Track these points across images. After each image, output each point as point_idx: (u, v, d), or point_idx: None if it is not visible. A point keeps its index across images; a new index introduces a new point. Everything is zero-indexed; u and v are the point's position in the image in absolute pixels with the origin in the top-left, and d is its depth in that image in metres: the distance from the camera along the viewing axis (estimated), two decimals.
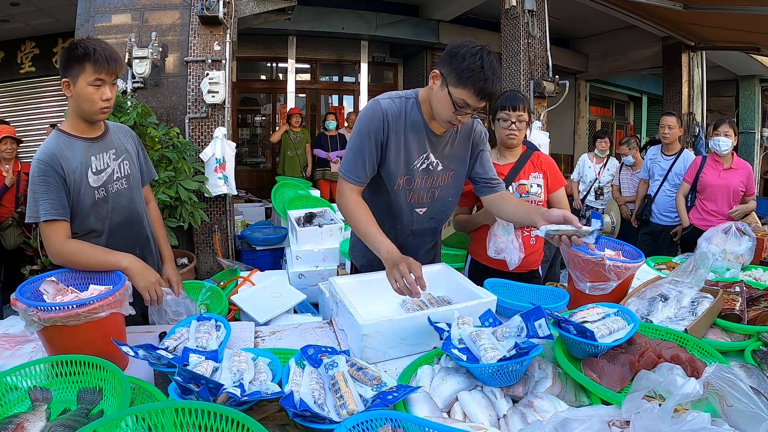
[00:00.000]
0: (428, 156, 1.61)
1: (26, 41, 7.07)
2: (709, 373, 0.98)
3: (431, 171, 1.64)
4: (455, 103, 1.42)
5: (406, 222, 1.70)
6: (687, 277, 1.62)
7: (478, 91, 1.38)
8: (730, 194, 3.38)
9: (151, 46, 3.89)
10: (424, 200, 1.68)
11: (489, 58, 1.39)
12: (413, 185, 1.63)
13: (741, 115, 9.37)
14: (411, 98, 1.59)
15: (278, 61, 8.17)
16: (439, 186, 1.68)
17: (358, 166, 1.55)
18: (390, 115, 1.54)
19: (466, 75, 1.37)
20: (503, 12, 5.32)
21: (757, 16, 5.26)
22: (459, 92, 1.40)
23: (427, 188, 1.66)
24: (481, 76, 1.37)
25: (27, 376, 1.05)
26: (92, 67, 1.40)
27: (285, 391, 1.00)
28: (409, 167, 1.60)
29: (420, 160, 1.61)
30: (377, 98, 1.57)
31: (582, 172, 5.19)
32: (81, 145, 1.49)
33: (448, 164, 1.66)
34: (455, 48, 1.42)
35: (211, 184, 3.93)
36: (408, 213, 1.67)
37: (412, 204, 1.66)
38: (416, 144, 1.58)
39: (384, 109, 1.53)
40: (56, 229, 1.40)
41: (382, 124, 1.53)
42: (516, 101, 2.04)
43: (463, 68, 1.38)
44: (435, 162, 1.63)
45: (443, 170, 1.65)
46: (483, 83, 1.37)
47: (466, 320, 1.26)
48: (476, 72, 1.36)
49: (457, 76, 1.39)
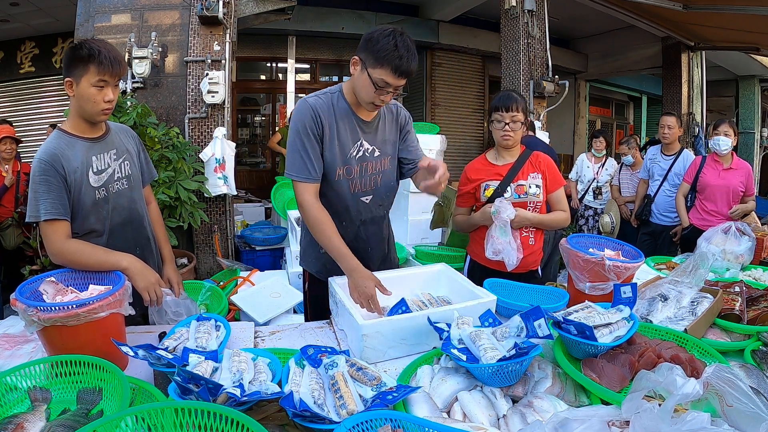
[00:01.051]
0: (362, 143, 1.66)
1: (26, 41, 7.07)
2: (708, 373, 0.98)
3: (368, 158, 1.67)
4: (376, 84, 1.48)
5: (354, 213, 1.71)
6: (687, 277, 1.62)
7: (394, 68, 1.44)
8: (729, 194, 3.38)
9: (150, 46, 3.89)
10: (368, 188, 1.71)
11: (402, 38, 1.45)
12: (353, 174, 1.66)
13: (741, 115, 9.37)
14: (336, 92, 1.65)
15: (278, 61, 8.16)
16: (379, 172, 1.71)
17: (306, 164, 1.58)
18: (319, 109, 1.59)
19: (381, 55, 1.44)
20: (503, 12, 5.32)
21: (757, 16, 5.26)
22: (378, 72, 1.46)
23: (368, 175, 1.69)
24: (396, 54, 1.43)
25: (27, 376, 1.05)
26: (96, 69, 1.40)
27: (285, 391, 1.00)
28: (346, 156, 1.64)
29: (355, 148, 1.65)
30: (304, 98, 1.64)
31: (580, 172, 5.19)
32: (82, 145, 1.49)
33: (383, 149, 1.70)
34: (370, 33, 1.49)
35: (211, 184, 3.93)
36: (354, 203, 1.69)
37: (357, 193, 1.69)
38: (348, 132, 1.63)
39: (312, 105, 1.59)
40: (56, 228, 1.40)
41: (314, 119, 1.58)
42: (509, 102, 2.03)
43: (378, 49, 1.44)
44: (370, 148, 1.67)
45: (380, 156, 1.70)
46: (398, 60, 1.43)
47: (465, 320, 1.26)
48: (390, 51, 1.43)
49: (374, 58, 1.46)
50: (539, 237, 2.12)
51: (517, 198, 2.04)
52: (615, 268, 1.57)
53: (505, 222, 1.93)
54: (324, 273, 1.73)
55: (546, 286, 1.98)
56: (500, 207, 1.93)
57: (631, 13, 6.66)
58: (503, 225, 1.94)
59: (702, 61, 7.79)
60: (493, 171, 2.11)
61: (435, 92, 8.23)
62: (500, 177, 2.08)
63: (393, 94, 1.54)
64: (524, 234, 2.06)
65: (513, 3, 5.02)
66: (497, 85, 6.39)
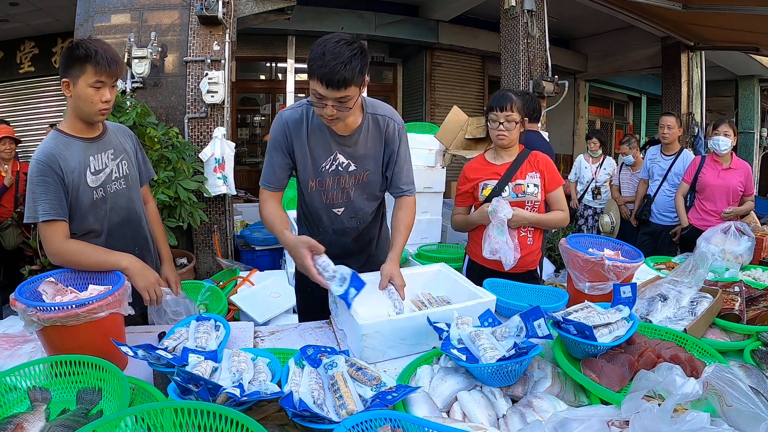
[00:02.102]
0: (336, 157, 1.63)
1: (26, 41, 7.06)
2: (708, 372, 0.98)
3: (341, 172, 1.65)
4: (312, 95, 1.42)
5: (327, 222, 1.73)
6: (686, 277, 1.62)
7: (320, 78, 1.35)
8: (729, 194, 3.38)
9: (150, 46, 3.89)
10: (339, 200, 1.70)
11: (335, 45, 1.35)
12: (325, 186, 1.66)
13: (740, 115, 9.38)
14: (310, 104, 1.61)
15: (277, 61, 8.16)
16: (352, 186, 1.69)
17: (269, 173, 1.65)
18: (290, 123, 1.60)
19: (310, 65, 1.38)
20: (503, 12, 5.32)
21: (756, 16, 5.26)
22: (311, 83, 1.40)
23: (340, 189, 1.68)
24: (321, 63, 1.34)
25: (26, 376, 1.05)
26: (93, 69, 1.40)
27: (284, 391, 1.00)
28: (318, 170, 1.63)
29: (328, 161, 1.63)
30: (283, 110, 1.65)
31: (579, 173, 5.20)
32: (79, 145, 1.49)
33: (361, 164, 1.66)
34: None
35: (211, 184, 3.93)
36: (326, 213, 1.71)
37: (329, 204, 1.70)
38: (321, 146, 1.61)
39: (285, 120, 1.60)
40: (55, 229, 1.40)
41: (284, 133, 1.60)
42: (503, 101, 2.03)
43: (309, 59, 1.38)
44: (345, 162, 1.64)
45: (356, 170, 1.66)
46: (323, 69, 1.34)
47: (465, 320, 1.26)
48: (317, 60, 1.35)
49: (308, 69, 1.40)
50: (537, 237, 2.12)
51: (515, 197, 2.04)
52: (615, 268, 1.57)
53: (502, 221, 1.93)
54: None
55: (546, 286, 1.98)
56: (497, 206, 1.93)
57: (631, 13, 6.66)
58: (500, 224, 1.94)
59: (702, 61, 7.79)
60: (491, 170, 2.11)
61: (435, 92, 8.23)
62: (498, 176, 2.08)
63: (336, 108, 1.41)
64: (522, 233, 2.06)
65: (513, 3, 5.02)
66: (497, 85, 6.39)
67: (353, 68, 1.35)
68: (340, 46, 1.35)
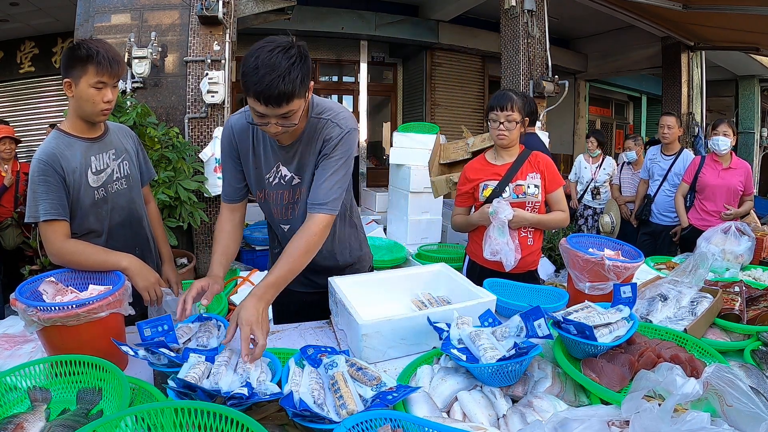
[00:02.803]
0: (278, 168, 1.47)
1: (26, 41, 7.07)
2: (708, 373, 0.98)
3: (284, 185, 1.49)
4: (252, 112, 1.25)
5: (281, 237, 1.61)
6: (686, 277, 1.62)
7: (255, 95, 1.17)
8: (729, 194, 3.39)
9: (150, 46, 3.89)
10: (286, 216, 1.55)
11: (269, 55, 1.16)
12: (270, 199, 1.53)
13: (740, 115, 9.38)
14: None
15: None
16: (297, 200, 1.51)
17: (224, 185, 1.57)
18: (236, 131, 1.47)
19: (243, 81, 1.18)
20: (503, 12, 5.32)
21: (757, 16, 5.27)
22: (249, 101, 1.22)
23: (284, 204, 1.53)
24: (255, 78, 1.15)
25: (26, 376, 1.05)
26: (95, 69, 1.40)
27: (284, 391, 1.00)
28: (261, 182, 1.51)
29: (271, 173, 1.49)
30: (231, 118, 1.50)
31: (578, 173, 5.20)
32: (81, 145, 1.49)
33: (303, 177, 1.47)
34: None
35: (211, 184, 3.93)
36: (277, 227, 1.60)
37: (277, 219, 1.57)
38: (264, 157, 1.47)
39: (231, 126, 1.48)
40: (56, 229, 1.40)
41: (230, 141, 1.49)
42: (503, 101, 2.03)
43: (243, 72, 1.18)
44: (288, 175, 1.47)
45: (300, 184, 1.48)
46: (257, 85, 1.16)
47: (465, 320, 1.26)
48: (250, 74, 1.16)
49: (243, 84, 1.20)
50: (538, 237, 2.12)
51: (515, 198, 2.04)
52: (615, 268, 1.57)
53: (502, 222, 1.93)
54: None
55: (546, 286, 1.98)
56: (498, 207, 1.93)
57: (631, 13, 6.67)
58: (501, 225, 1.94)
59: (702, 61, 7.80)
60: (492, 171, 2.11)
61: (435, 92, 8.23)
62: (499, 177, 2.08)
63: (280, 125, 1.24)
64: (523, 234, 2.06)
65: (513, 3, 5.02)
66: (497, 85, 6.39)
67: (293, 80, 1.17)
68: (275, 56, 1.16)
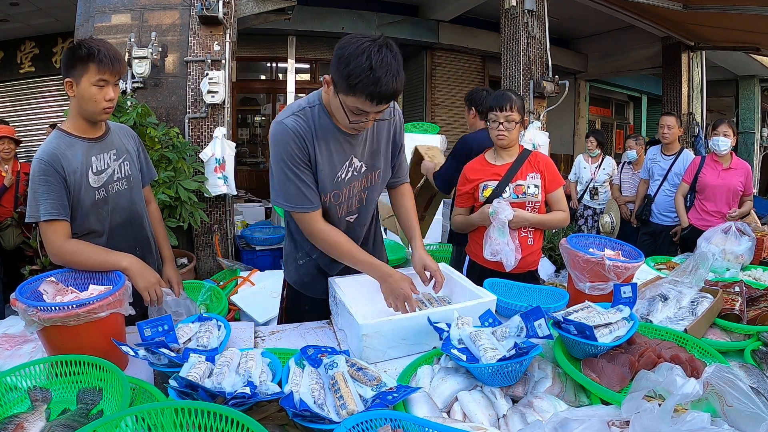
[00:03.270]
0: (351, 161, 1.48)
1: (26, 41, 7.07)
2: (708, 373, 0.98)
3: (356, 176, 1.51)
4: (351, 112, 1.27)
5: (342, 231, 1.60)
6: (687, 277, 1.62)
7: (369, 96, 1.20)
8: (729, 194, 3.39)
9: (150, 46, 3.89)
10: (354, 207, 1.57)
11: (380, 55, 1.18)
12: (341, 198, 1.51)
13: (741, 115, 9.38)
14: (315, 105, 1.43)
15: (278, 61, 8.16)
16: (365, 188, 1.56)
17: (304, 194, 1.43)
18: (302, 133, 1.39)
19: (353, 81, 1.19)
20: (503, 12, 5.32)
21: (757, 16, 5.26)
22: (351, 100, 1.23)
23: (354, 195, 1.54)
24: (371, 79, 1.17)
25: (27, 376, 1.05)
26: (96, 68, 1.40)
27: (285, 391, 1.00)
28: (334, 181, 1.47)
29: (343, 169, 1.48)
30: (280, 120, 1.41)
31: (578, 173, 5.20)
32: (82, 145, 1.49)
33: (372, 163, 1.53)
34: (341, 49, 1.22)
35: (211, 184, 3.93)
36: (338, 225, 1.57)
37: (343, 216, 1.56)
38: (335, 153, 1.45)
39: (293, 130, 1.39)
40: (56, 228, 1.40)
41: (301, 146, 1.40)
42: (503, 101, 2.02)
43: (349, 73, 1.19)
44: (359, 165, 1.50)
45: (368, 170, 1.53)
46: (374, 87, 1.18)
47: (465, 320, 1.26)
48: (364, 76, 1.17)
49: (345, 83, 1.21)
50: (538, 237, 2.12)
51: (515, 198, 2.04)
52: (615, 268, 1.57)
53: (503, 223, 1.93)
54: (300, 285, 1.70)
55: (546, 286, 1.98)
56: (498, 208, 1.93)
57: (631, 13, 6.66)
58: (501, 226, 1.94)
59: (702, 61, 7.80)
60: (492, 171, 2.11)
61: (435, 92, 8.23)
62: (499, 177, 2.07)
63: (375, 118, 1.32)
64: (523, 234, 2.06)
65: (513, 3, 5.02)
66: (497, 85, 6.39)
67: (401, 78, 1.21)
68: (385, 56, 1.18)
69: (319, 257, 1.61)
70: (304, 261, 1.66)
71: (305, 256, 1.65)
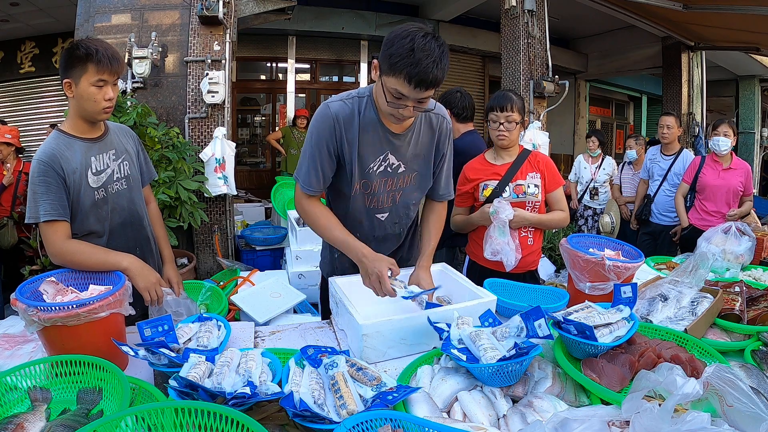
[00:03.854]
0: (386, 157, 1.50)
1: (26, 41, 7.07)
2: (708, 373, 0.98)
3: (390, 173, 1.53)
4: (389, 93, 1.29)
5: (368, 228, 1.62)
6: (687, 277, 1.62)
7: (407, 76, 1.22)
8: (729, 194, 3.39)
9: (150, 46, 3.89)
10: (385, 204, 1.58)
11: (424, 41, 1.21)
12: (371, 189, 1.54)
13: (741, 115, 9.38)
14: (365, 96, 1.46)
15: (278, 61, 8.16)
16: (400, 188, 1.57)
17: (311, 175, 1.48)
18: (341, 118, 1.43)
19: (394, 60, 1.22)
20: (503, 12, 5.32)
21: (757, 16, 5.26)
22: (391, 81, 1.26)
23: (387, 191, 1.56)
24: (411, 60, 1.20)
25: (27, 376, 1.05)
26: (95, 68, 1.40)
27: (285, 391, 1.00)
28: (365, 171, 1.50)
29: (377, 162, 1.50)
30: (328, 101, 1.47)
31: (578, 173, 5.20)
32: (81, 146, 1.49)
33: (410, 165, 1.55)
34: (391, 33, 1.27)
35: (211, 184, 3.93)
36: (368, 219, 1.59)
37: (372, 209, 1.58)
38: (372, 145, 1.47)
39: (334, 114, 1.43)
40: (56, 229, 1.40)
41: (332, 130, 1.44)
42: (504, 102, 2.03)
43: (392, 53, 1.23)
44: (396, 164, 1.52)
45: (405, 172, 1.55)
46: (413, 68, 1.20)
47: (465, 320, 1.26)
48: (405, 56, 1.20)
49: (387, 64, 1.25)
50: (538, 237, 2.13)
51: (515, 198, 2.04)
52: (615, 268, 1.57)
53: (503, 222, 1.93)
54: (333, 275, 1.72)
55: (546, 286, 1.98)
56: (499, 207, 1.93)
57: (631, 13, 6.66)
58: (502, 225, 1.94)
59: (702, 61, 7.80)
60: (492, 171, 2.11)
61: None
62: (499, 177, 2.08)
63: (415, 108, 1.32)
64: (523, 234, 2.06)
65: (513, 3, 5.02)
66: (497, 85, 6.39)
67: (443, 68, 1.23)
68: (428, 42, 1.21)
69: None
70: (340, 253, 1.66)
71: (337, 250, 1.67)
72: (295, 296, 2.69)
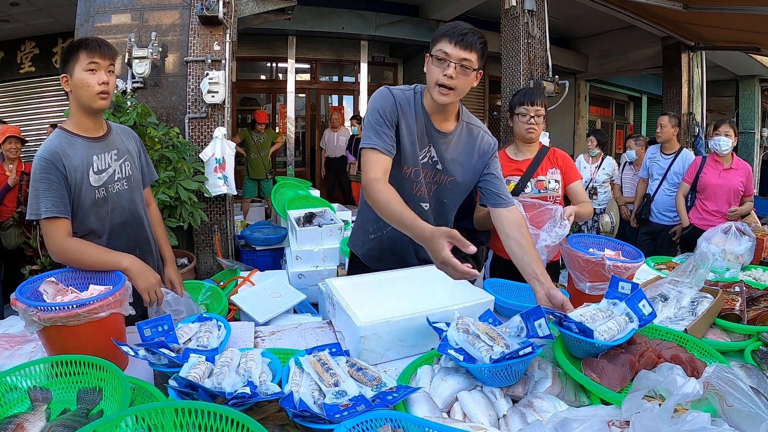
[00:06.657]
0: (430, 149, 1.61)
1: (26, 41, 7.07)
2: (709, 373, 0.98)
3: (430, 165, 1.63)
4: (435, 58, 1.48)
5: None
6: (687, 277, 1.62)
7: (449, 34, 1.45)
8: (730, 194, 3.39)
9: (151, 46, 3.89)
10: (426, 195, 1.66)
11: (465, 24, 1.47)
12: (419, 177, 1.62)
13: (741, 115, 9.38)
14: (419, 91, 1.63)
15: (278, 61, 8.17)
16: (437, 183, 1.65)
17: (381, 134, 1.51)
18: (401, 101, 1.58)
19: (442, 31, 1.48)
20: (503, 12, 5.32)
21: (757, 16, 5.26)
22: (436, 48, 1.47)
23: (428, 182, 1.65)
24: (453, 26, 1.46)
25: (27, 376, 1.05)
26: (85, 53, 1.44)
27: (285, 392, 1.00)
28: (416, 158, 1.60)
29: (423, 152, 1.61)
30: (387, 87, 1.61)
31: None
32: (83, 144, 1.49)
33: (447, 167, 1.63)
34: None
35: (211, 184, 3.93)
36: (413, 205, 1.57)
37: (417, 196, 1.65)
38: (421, 135, 1.60)
39: (395, 95, 1.58)
40: (57, 226, 1.40)
41: (394, 106, 1.56)
42: (534, 97, 2.13)
43: (440, 30, 1.49)
44: (435, 158, 1.62)
45: (442, 171, 1.64)
46: (455, 29, 1.45)
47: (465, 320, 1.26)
48: (450, 26, 1.47)
49: (433, 38, 1.50)
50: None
51: (537, 193, 2.08)
52: (615, 268, 1.57)
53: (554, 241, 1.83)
54: (368, 257, 1.78)
55: None
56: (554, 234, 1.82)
57: (631, 13, 6.66)
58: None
59: (702, 61, 7.79)
60: (513, 166, 2.14)
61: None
62: (520, 172, 2.11)
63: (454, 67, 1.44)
64: None
65: (513, 3, 5.01)
66: (497, 85, 6.38)
67: (478, 39, 1.46)
68: (469, 25, 1.48)
69: (391, 232, 1.68)
70: (376, 235, 1.74)
71: (378, 230, 1.72)
72: (295, 296, 2.69)
